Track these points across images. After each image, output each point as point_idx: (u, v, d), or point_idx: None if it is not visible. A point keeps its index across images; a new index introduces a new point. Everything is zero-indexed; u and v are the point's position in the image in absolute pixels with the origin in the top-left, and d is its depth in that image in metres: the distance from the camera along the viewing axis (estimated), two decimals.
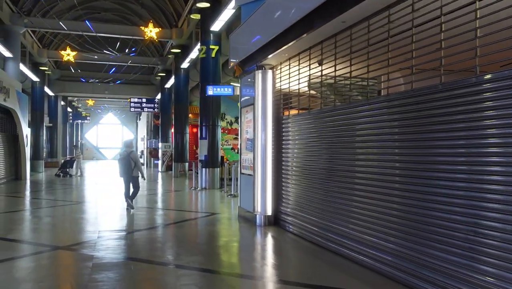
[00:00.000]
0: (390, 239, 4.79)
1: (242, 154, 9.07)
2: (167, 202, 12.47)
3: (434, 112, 4.25)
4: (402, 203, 4.66)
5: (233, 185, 13.21)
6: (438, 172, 4.19)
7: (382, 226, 4.93)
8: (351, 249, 5.54)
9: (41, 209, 10.56)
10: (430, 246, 4.19)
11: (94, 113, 53.40)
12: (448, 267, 3.96)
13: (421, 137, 4.42)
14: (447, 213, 4.01)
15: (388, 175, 4.89)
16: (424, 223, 4.30)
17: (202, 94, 15.70)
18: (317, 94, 7.00)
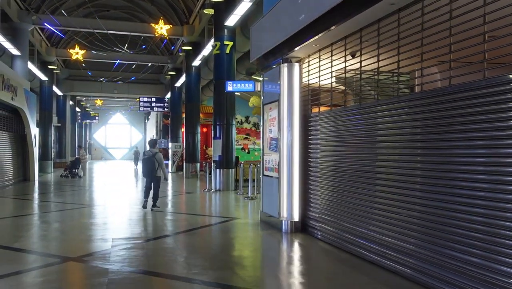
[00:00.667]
0: (433, 248, 4.13)
1: (264, 154, 8.42)
2: (181, 205, 11.85)
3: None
4: (461, 211, 3.99)
5: (250, 186, 12.58)
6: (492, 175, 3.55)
7: (430, 235, 4.26)
8: (394, 260, 4.87)
9: (49, 213, 9.99)
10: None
11: (102, 113, 53.03)
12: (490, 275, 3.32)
13: (459, 137, 3.76)
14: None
15: (437, 178, 4.23)
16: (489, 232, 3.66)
17: (216, 92, 15.08)
18: (352, 89, 6.33)
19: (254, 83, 9.39)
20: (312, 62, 7.22)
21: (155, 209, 9.91)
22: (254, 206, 11.10)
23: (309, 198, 7.32)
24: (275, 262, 5.94)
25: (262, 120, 8.57)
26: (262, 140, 8.52)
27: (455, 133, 4.15)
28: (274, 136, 7.93)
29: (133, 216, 9.37)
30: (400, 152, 5.02)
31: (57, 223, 8.49)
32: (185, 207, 11.60)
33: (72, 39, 28.74)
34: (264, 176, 8.45)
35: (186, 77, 22.39)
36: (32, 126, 18.68)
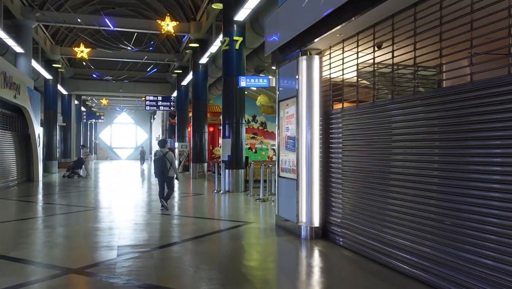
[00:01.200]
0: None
1: (280, 155, 7.86)
2: (189, 207, 11.30)
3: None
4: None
5: (261, 188, 12.02)
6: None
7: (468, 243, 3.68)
8: (432, 272, 4.29)
9: (52, 217, 9.48)
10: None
11: (108, 113, 52.66)
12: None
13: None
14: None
15: (478, 181, 3.64)
16: None
17: (225, 90, 14.54)
18: (382, 83, 5.76)
19: (269, 78, 8.81)
20: (334, 54, 6.64)
21: (164, 209, 9.67)
22: (267, 208, 10.54)
23: (331, 202, 6.75)
24: (298, 274, 5.38)
25: (277, 118, 8.01)
26: (277, 139, 7.96)
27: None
28: (291, 135, 7.36)
29: (139, 219, 8.84)
30: (438, 152, 4.44)
31: (60, 228, 7.97)
32: (193, 209, 11.05)
33: (78, 37, 28.31)
34: (280, 177, 7.89)
35: (193, 75, 21.86)
36: (36, 126, 18.23)
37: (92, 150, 49.99)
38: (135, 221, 8.64)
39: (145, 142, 56.94)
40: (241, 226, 8.18)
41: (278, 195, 8.00)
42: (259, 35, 15.56)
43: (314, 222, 6.84)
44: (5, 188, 14.97)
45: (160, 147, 9.95)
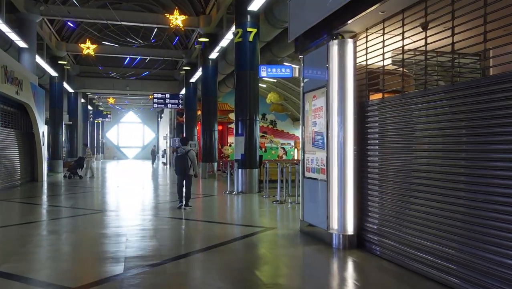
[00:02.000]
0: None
1: (306, 152, 7.02)
2: (201, 210, 10.48)
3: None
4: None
5: (278, 189, 11.18)
6: None
7: None
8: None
9: (54, 221, 8.71)
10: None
11: (115, 112, 52.08)
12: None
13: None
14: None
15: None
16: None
17: (238, 85, 13.72)
18: (435, 68, 4.90)
19: (292, 67, 7.98)
20: (372, 37, 5.79)
21: (188, 209, 9.76)
22: (286, 212, 9.72)
23: (367, 206, 5.90)
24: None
25: (301, 112, 7.17)
26: (302, 135, 7.12)
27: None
28: (319, 130, 6.51)
29: (148, 224, 8.04)
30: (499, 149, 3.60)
31: (62, 235, 7.19)
32: (205, 212, 10.23)
33: (84, 33, 27.64)
34: (305, 178, 7.05)
35: (202, 71, 21.07)
36: (40, 124, 17.53)
37: (98, 149, 49.46)
38: (143, 226, 7.84)
39: (152, 142, 56.39)
40: (260, 232, 7.35)
41: (303, 198, 7.16)
42: (274, 27, 14.74)
43: (348, 229, 6.00)
44: (8, 188, 14.27)
45: (182, 145, 10.06)
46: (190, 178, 9.95)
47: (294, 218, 8.78)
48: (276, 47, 17.53)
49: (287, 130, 36.92)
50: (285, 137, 36.79)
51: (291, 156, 35.78)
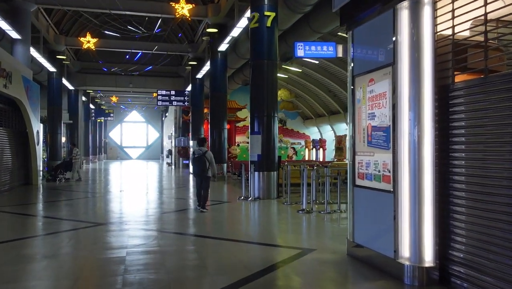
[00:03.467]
0: None
1: (358, 154, 5.43)
2: (215, 223, 8.85)
3: None
4: None
5: (304, 196, 9.58)
6: None
7: None
8: None
9: (45, 238, 7.16)
10: None
11: (118, 111, 50.64)
12: None
13: None
14: None
15: None
16: None
17: (254, 76, 12.15)
18: None
19: (336, 45, 6.40)
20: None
21: (205, 211, 9.48)
22: (318, 225, 8.15)
23: (452, 227, 4.32)
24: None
25: (350, 101, 5.59)
26: (351, 132, 5.53)
27: None
28: (381, 124, 4.92)
29: (153, 244, 6.47)
30: None
31: (47, 261, 5.61)
32: (220, 226, 8.59)
33: (86, 24, 26.13)
34: (356, 187, 5.46)
35: (210, 65, 19.50)
36: (35, 122, 16.00)
37: (101, 149, 48.03)
38: (147, 246, 6.26)
39: (156, 141, 54.95)
40: (297, 256, 5.74)
41: (353, 213, 5.57)
42: (293, 12, 13.16)
43: (425, 259, 4.41)
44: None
45: (198, 146, 9.81)
46: (208, 180, 9.71)
47: (332, 234, 7.20)
48: (292, 36, 15.93)
49: (297, 129, 35.35)
50: (295, 136, 35.22)
51: (301, 156, 34.18)
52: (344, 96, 27.35)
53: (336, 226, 7.91)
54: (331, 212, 9.31)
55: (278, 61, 12.35)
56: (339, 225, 7.94)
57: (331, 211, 9.34)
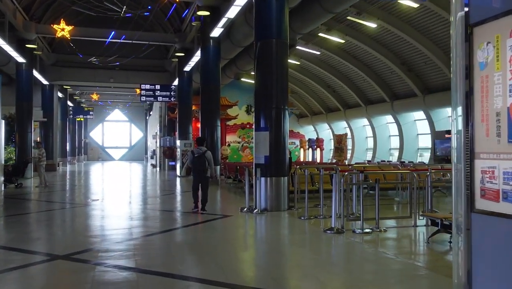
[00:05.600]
0: None
1: (480, 155, 3.16)
2: (215, 253, 6.39)
3: None
4: None
5: (333, 211, 7.31)
6: None
7: None
8: None
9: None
10: None
11: (99, 109, 47.81)
12: None
13: None
14: None
15: None
16: None
17: (260, 61, 9.88)
18: None
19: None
20: None
21: (205, 212, 9.21)
22: (370, 255, 5.89)
23: None
24: None
25: (459, 67, 3.34)
26: (465, 118, 3.28)
27: None
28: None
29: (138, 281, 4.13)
30: None
31: None
32: (227, 259, 6.17)
33: (60, 15, 23.55)
34: (476, 212, 3.21)
35: (201, 53, 17.14)
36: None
37: (81, 149, 45.19)
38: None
39: (140, 142, 52.25)
40: None
41: (468, 253, 3.31)
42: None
43: None
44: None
45: (198, 145, 9.60)
46: (208, 180, 9.49)
47: (409, 276, 4.94)
48: (297, 15, 13.69)
49: (291, 128, 33.13)
50: (289, 136, 33.10)
51: (296, 157, 32.00)
52: (344, 92, 25.26)
53: (404, 260, 5.61)
54: (371, 231, 7.09)
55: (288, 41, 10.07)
56: (409, 260, 5.64)
57: (370, 230, 7.12)
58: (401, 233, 7.38)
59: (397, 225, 7.88)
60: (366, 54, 20.09)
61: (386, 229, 7.32)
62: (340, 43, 19.76)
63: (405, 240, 6.92)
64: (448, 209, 9.47)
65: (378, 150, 24.18)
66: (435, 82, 18.71)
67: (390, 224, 7.90)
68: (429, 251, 6.10)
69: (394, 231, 7.45)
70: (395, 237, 7.13)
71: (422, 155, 21.69)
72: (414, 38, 16.57)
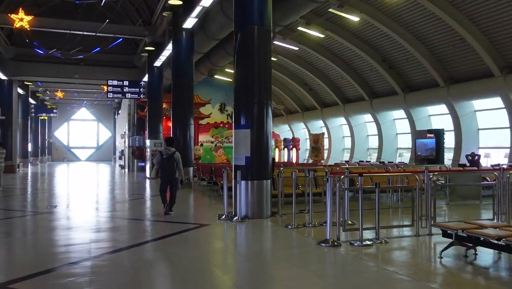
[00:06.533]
0: None
1: None
2: (200, 281, 5.36)
3: None
4: None
5: (328, 217, 6.34)
6: None
7: None
8: None
9: None
10: None
11: (64, 108, 45.62)
12: None
13: None
14: None
15: None
16: None
17: (241, 50, 8.84)
18: None
19: None
20: None
21: (172, 214, 8.87)
22: (371, 274, 4.93)
23: None
24: None
25: None
26: None
27: None
28: None
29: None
30: None
31: None
32: (199, 286, 5.09)
33: (19, 3, 21.77)
34: None
35: (173, 47, 15.94)
36: None
37: (44, 150, 42.89)
38: None
39: (108, 141, 50.22)
40: None
41: None
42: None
43: None
44: None
45: (167, 145, 9.35)
46: (177, 182, 9.15)
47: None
48: (280, 3, 12.71)
49: None
50: None
51: None
52: (322, 90, 24.48)
53: (418, 281, 4.66)
54: (371, 243, 6.16)
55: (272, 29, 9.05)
56: (422, 280, 4.70)
57: (370, 241, 6.19)
58: (405, 245, 6.47)
59: (398, 235, 6.99)
60: (346, 50, 19.34)
61: (387, 240, 6.42)
62: (319, 39, 18.93)
63: (413, 254, 6.01)
64: (453, 217, 8.70)
65: (356, 149, 23.51)
66: (417, 80, 18.12)
67: (388, 233, 7.02)
68: (443, 268, 5.20)
69: (397, 242, 6.53)
70: (400, 250, 6.21)
71: (402, 155, 21.13)
72: (397, 33, 15.89)
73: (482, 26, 13.70)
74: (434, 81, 16.89)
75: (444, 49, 15.53)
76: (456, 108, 16.53)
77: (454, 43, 14.90)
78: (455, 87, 16.18)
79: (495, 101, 15.79)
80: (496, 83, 14.39)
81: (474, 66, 15.25)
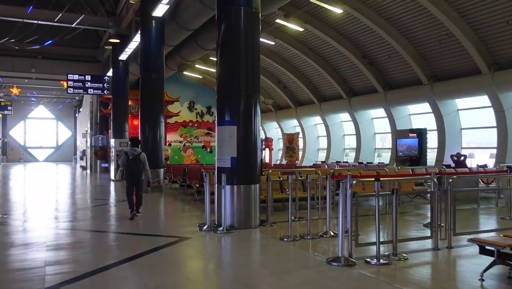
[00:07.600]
0: None
1: None
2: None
3: None
4: None
5: (340, 233, 5.30)
6: None
7: None
8: None
9: None
10: None
11: (20, 106, 42.88)
12: None
13: None
14: None
15: None
16: None
17: (224, 35, 7.67)
18: None
19: None
20: None
21: (139, 215, 8.63)
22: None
23: None
24: None
25: None
26: None
27: None
28: None
29: None
30: None
31: None
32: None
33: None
34: None
35: (141, 37, 14.55)
36: None
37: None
38: None
39: (68, 141, 47.70)
40: None
41: None
42: None
43: None
44: None
45: (133, 145, 8.91)
46: (142, 183, 8.87)
47: None
48: None
49: None
50: None
51: None
52: (297, 88, 23.57)
53: None
54: (388, 260, 5.14)
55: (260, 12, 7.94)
56: None
57: (387, 259, 5.17)
58: (428, 261, 5.50)
59: (413, 249, 6.01)
60: (325, 45, 18.45)
61: (406, 255, 5.43)
62: (297, 33, 17.99)
63: (445, 274, 5.04)
64: (471, 226, 7.88)
65: (332, 150, 22.73)
66: (398, 78, 17.45)
67: (401, 246, 6.05)
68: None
69: (417, 258, 5.54)
70: (426, 269, 5.23)
71: (381, 155, 20.47)
72: (380, 26, 15.11)
73: (472, 20, 13.08)
74: (417, 78, 16.24)
75: (430, 44, 14.87)
76: (439, 107, 15.94)
77: (440, 38, 14.25)
78: (439, 84, 15.58)
79: (479, 100, 15.30)
80: (484, 80, 13.83)
81: (460, 63, 14.66)
